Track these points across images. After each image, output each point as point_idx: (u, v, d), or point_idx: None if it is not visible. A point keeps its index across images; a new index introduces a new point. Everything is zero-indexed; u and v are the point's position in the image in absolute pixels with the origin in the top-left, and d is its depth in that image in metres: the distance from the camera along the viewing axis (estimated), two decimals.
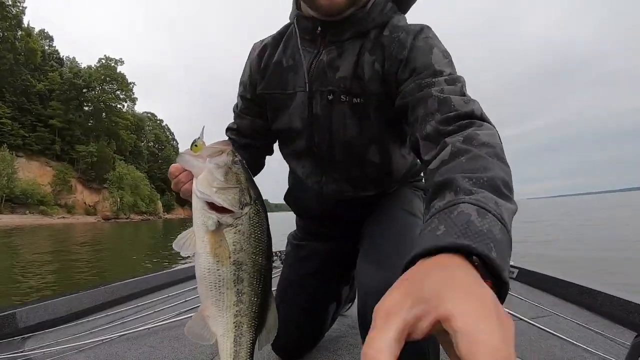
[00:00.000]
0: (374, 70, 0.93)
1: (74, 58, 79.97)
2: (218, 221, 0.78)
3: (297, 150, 1.14)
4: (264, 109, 1.13)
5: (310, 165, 1.15)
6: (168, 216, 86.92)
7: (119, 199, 65.27)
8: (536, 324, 1.69)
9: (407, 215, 1.14)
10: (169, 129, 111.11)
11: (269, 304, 0.85)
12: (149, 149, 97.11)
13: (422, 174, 1.29)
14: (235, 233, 0.80)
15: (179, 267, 3.05)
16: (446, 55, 0.86)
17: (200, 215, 0.80)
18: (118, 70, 72.43)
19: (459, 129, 0.67)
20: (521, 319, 1.79)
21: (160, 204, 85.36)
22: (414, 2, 1.03)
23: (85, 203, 65.15)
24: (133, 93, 77.29)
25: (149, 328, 1.77)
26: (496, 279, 0.41)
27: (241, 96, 1.17)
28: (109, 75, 70.62)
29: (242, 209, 0.80)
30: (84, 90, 68.53)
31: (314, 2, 0.90)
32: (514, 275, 2.69)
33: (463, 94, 0.76)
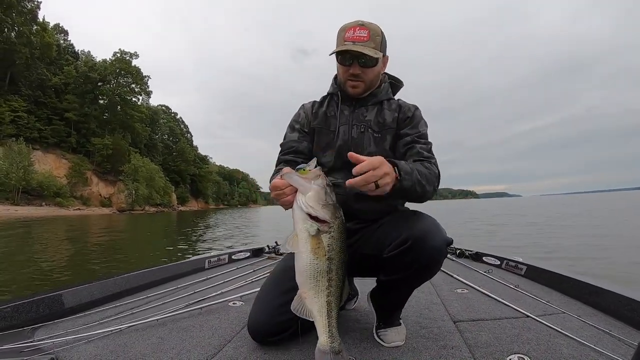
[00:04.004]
0: (393, 117, 1.59)
1: (89, 52, 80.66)
2: (318, 229, 1.08)
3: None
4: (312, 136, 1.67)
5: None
6: (182, 208, 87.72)
7: (133, 191, 65.80)
8: (543, 322, 1.67)
9: None
10: (183, 121, 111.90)
11: (345, 284, 1.17)
12: (163, 141, 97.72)
13: None
14: (329, 237, 1.10)
15: (188, 260, 3.08)
16: (426, 124, 1.60)
17: (304, 223, 1.09)
18: (133, 64, 72.82)
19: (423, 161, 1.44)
20: (529, 316, 1.78)
21: (174, 196, 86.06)
22: (400, 89, 1.73)
23: (100, 195, 65.84)
24: (148, 86, 77.77)
25: (157, 319, 1.80)
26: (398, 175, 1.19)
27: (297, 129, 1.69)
28: (124, 68, 70.80)
29: (335, 220, 1.10)
30: (99, 84, 68.77)
31: (346, 90, 1.58)
32: (522, 272, 2.66)
33: (429, 150, 1.49)
